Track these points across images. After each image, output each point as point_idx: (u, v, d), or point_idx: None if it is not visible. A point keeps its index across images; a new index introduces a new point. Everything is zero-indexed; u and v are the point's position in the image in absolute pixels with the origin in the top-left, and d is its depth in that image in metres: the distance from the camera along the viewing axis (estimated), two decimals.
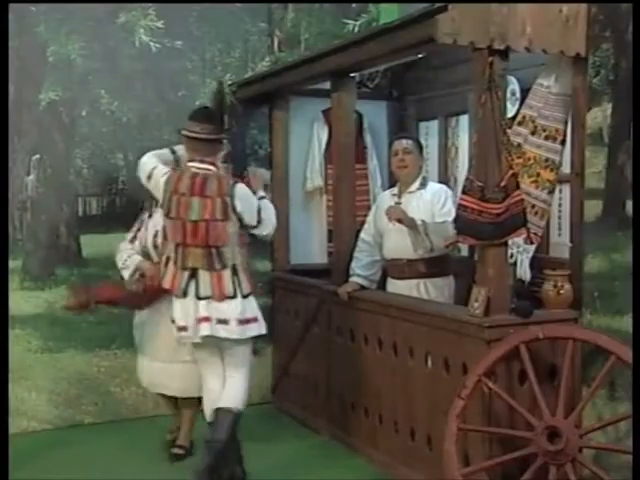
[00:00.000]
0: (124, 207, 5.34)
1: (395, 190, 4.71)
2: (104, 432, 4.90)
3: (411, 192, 4.60)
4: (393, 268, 4.65)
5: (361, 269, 4.65)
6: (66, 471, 4.40)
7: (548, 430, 3.41)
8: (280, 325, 5.58)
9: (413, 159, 4.60)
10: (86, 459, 4.57)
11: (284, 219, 5.67)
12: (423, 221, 4.43)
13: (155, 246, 4.35)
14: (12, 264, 4.79)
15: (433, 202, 4.51)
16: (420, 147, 4.72)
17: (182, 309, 3.92)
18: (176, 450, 4.53)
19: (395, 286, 4.63)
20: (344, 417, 4.76)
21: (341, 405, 4.81)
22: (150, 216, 4.45)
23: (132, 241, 4.47)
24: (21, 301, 4.99)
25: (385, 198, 4.77)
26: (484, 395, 3.60)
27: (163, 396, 4.62)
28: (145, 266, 4.35)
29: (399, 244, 4.53)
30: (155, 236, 4.35)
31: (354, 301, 4.58)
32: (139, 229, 4.49)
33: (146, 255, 4.41)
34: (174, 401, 4.61)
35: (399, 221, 4.44)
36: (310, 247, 5.73)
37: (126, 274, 4.38)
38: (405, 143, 4.63)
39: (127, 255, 4.42)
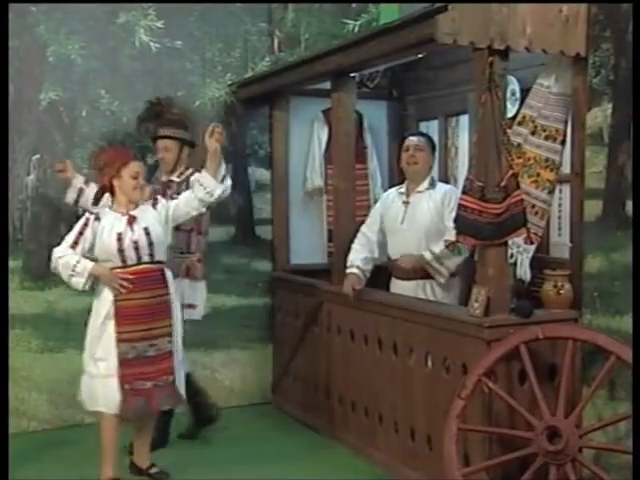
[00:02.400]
0: None
1: (402, 189, 4.64)
2: None
3: (420, 192, 4.54)
4: (398, 269, 4.60)
5: (360, 262, 4.56)
6: (66, 471, 4.40)
7: (548, 430, 3.41)
8: (280, 325, 5.59)
9: (424, 157, 4.54)
10: (86, 459, 4.56)
11: (284, 219, 5.68)
12: (432, 253, 4.38)
13: (120, 250, 3.95)
14: (12, 264, 4.79)
15: (444, 204, 4.45)
16: (433, 146, 4.64)
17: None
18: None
19: (400, 287, 4.59)
20: (344, 417, 4.76)
21: (341, 405, 4.81)
22: (98, 219, 4.01)
23: (73, 246, 3.97)
24: (21, 301, 4.98)
25: (392, 196, 4.70)
26: (484, 395, 3.61)
27: None
28: (102, 271, 3.95)
29: (406, 245, 4.50)
30: (119, 239, 3.95)
31: (354, 301, 4.57)
32: (81, 233, 3.98)
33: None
34: None
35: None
36: (310, 247, 5.73)
37: (77, 282, 3.94)
38: (417, 140, 4.58)
39: (75, 260, 3.92)
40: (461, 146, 5.35)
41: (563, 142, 3.98)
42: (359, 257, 4.59)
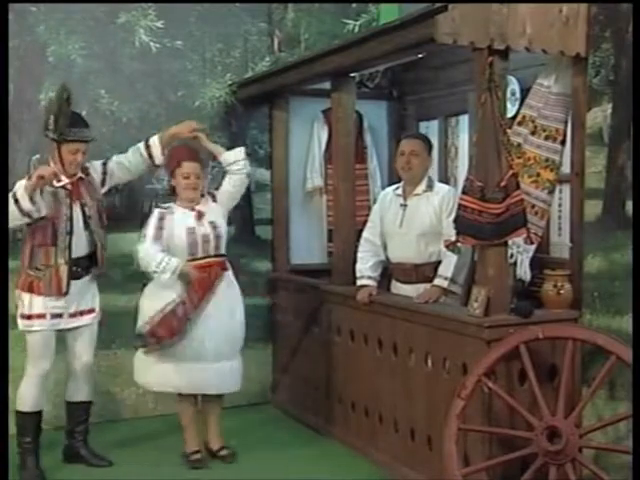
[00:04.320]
0: (124, 207, 5.33)
1: (399, 190, 4.55)
2: (104, 432, 4.90)
3: (417, 194, 4.45)
4: (399, 272, 4.55)
5: (369, 270, 4.54)
6: (66, 471, 4.41)
7: (548, 430, 3.41)
8: (280, 325, 5.59)
9: (420, 162, 4.42)
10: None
11: (284, 219, 5.69)
12: (446, 278, 4.28)
13: (191, 243, 4.35)
14: (12, 264, 4.77)
15: (442, 207, 4.35)
16: (430, 147, 4.53)
17: None
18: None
19: (401, 290, 4.53)
20: (344, 417, 4.76)
21: (341, 405, 4.81)
22: (172, 213, 4.39)
23: (155, 242, 4.31)
24: None
25: (389, 198, 4.61)
26: (484, 395, 3.61)
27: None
28: (192, 272, 4.30)
29: (404, 248, 4.45)
30: (191, 233, 4.34)
31: (354, 301, 4.56)
32: (161, 227, 4.35)
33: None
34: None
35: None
36: (310, 247, 5.74)
37: (164, 278, 4.23)
38: (413, 145, 4.46)
39: (160, 258, 4.24)
40: (461, 146, 5.35)
41: (563, 142, 3.98)
42: (366, 266, 4.55)
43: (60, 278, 4.24)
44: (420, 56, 4.87)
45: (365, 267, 4.56)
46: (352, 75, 4.76)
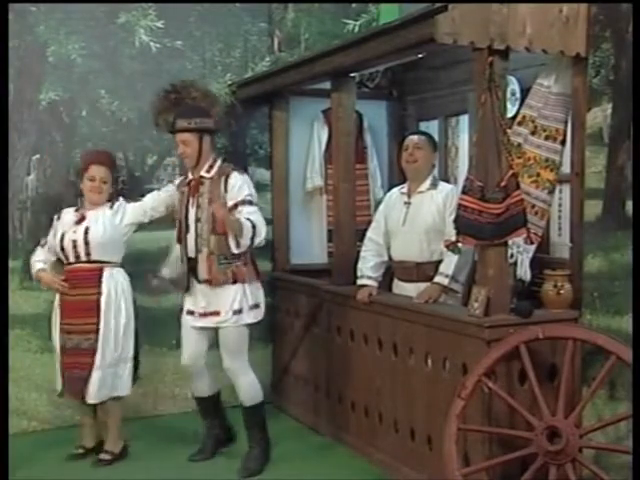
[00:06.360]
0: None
1: (404, 189, 4.56)
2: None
3: (422, 192, 4.45)
4: (401, 270, 4.55)
5: (370, 270, 4.53)
6: (66, 471, 4.40)
7: (548, 430, 3.41)
8: (280, 325, 5.59)
9: (424, 155, 4.43)
10: (86, 459, 4.57)
11: (284, 219, 5.69)
12: (446, 276, 4.26)
13: (62, 248, 4.41)
14: (12, 264, 4.79)
15: (446, 205, 4.34)
16: (434, 144, 4.54)
17: None
18: (103, 456, 4.54)
19: (403, 289, 4.52)
20: (344, 417, 4.76)
21: (341, 405, 4.81)
22: (59, 218, 4.53)
23: (43, 245, 4.54)
24: (21, 301, 4.98)
25: (394, 197, 4.61)
26: (484, 395, 3.61)
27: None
28: (41, 275, 4.49)
29: (407, 246, 4.45)
30: (61, 238, 4.42)
31: (354, 301, 4.57)
32: (49, 233, 4.54)
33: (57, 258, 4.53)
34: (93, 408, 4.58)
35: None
36: (310, 247, 5.74)
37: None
38: (417, 139, 4.48)
39: (32, 260, 4.53)
40: (461, 146, 5.35)
41: (563, 142, 3.98)
42: (368, 266, 4.54)
43: (184, 274, 4.33)
44: (420, 56, 4.87)
45: (366, 267, 4.55)
46: (352, 75, 4.75)
